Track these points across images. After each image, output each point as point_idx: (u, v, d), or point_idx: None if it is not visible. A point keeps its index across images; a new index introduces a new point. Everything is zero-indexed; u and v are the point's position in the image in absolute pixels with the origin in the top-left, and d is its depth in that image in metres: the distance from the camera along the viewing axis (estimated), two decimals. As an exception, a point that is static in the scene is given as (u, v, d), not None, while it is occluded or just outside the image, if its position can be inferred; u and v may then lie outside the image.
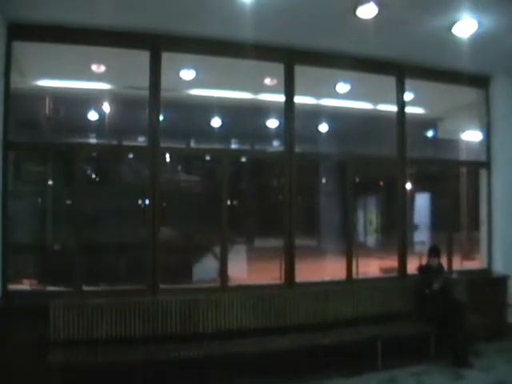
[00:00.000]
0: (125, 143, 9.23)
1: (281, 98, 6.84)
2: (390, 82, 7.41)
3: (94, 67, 7.00)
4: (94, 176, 11.35)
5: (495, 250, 7.92)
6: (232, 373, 5.70)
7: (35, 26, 5.78)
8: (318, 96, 8.82)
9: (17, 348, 5.29)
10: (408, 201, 7.87)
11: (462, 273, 7.57)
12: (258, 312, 6.22)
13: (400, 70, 7.36)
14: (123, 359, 5.31)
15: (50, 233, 9.32)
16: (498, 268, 7.82)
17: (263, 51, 6.56)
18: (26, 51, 6.10)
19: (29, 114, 8.36)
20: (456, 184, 9.60)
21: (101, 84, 7.88)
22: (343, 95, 8.46)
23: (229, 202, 6.82)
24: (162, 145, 6.31)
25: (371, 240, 12.18)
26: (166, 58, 6.29)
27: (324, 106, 9.28)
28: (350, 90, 8.24)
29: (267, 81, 7.75)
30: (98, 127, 9.26)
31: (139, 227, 6.37)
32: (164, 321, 5.82)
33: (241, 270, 8.52)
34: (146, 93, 6.24)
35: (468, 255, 9.75)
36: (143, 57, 6.19)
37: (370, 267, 9.94)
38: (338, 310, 6.58)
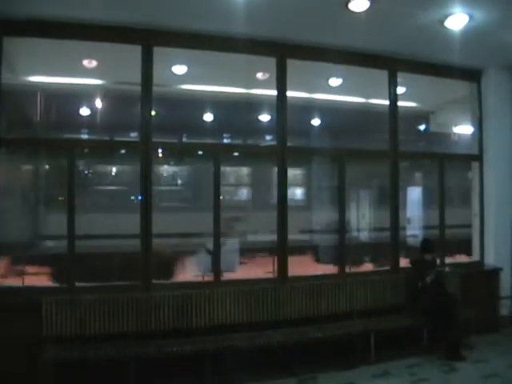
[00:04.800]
0: (117, 138, 9.19)
1: (273, 92, 6.82)
2: (383, 75, 7.41)
3: (86, 62, 6.97)
4: (86, 171, 11.29)
5: (487, 243, 7.97)
6: (226, 367, 5.69)
7: (26, 22, 5.71)
8: (311, 90, 8.82)
9: (9, 344, 5.27)
10: (400, 194, 7.87)
11: (454, 265, 7.61)
12: (251, 306, 6.24)
13: (392, 64, 7.37)
14: (116, 355, 5.31)
15: (42, 229, 9.29)
16: (490, 261, 7.87)
17: (255, 45, 6.55)
18: (17, 47, 6.05)
19: (20, 111, 8.31)
20: (448, 177, 9.61)
21: (92, 79, 7.84)
22: (336, 89, 8.47)
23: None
24: (154, 140, 6.28)
25: (364, 234, 12.17)
26: (158, 52, 6.24)
27: (316, 100, 9.27)
28: (343, 83, 8.26)
29: (259, 75, 7.74)
30: (90, 123, 9.20)
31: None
32: (157, 316, 5.82)
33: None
34: (137, 88, 6.20)
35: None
36: (135, 52, 6.14)
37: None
38: (331, 304, 6.62)
